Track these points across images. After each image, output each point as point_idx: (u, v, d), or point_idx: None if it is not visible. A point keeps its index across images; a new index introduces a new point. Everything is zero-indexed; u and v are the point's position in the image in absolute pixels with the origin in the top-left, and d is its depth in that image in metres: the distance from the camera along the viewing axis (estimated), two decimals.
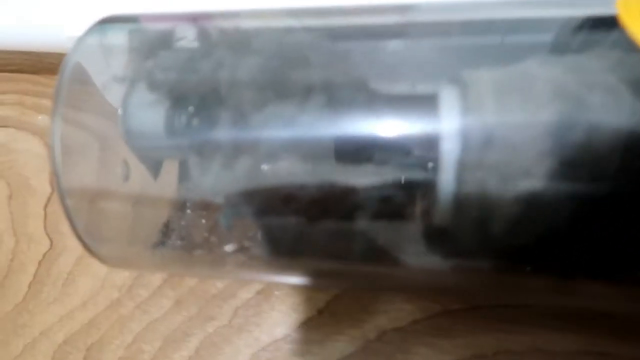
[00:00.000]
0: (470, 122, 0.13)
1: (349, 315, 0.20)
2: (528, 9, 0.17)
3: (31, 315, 0.23)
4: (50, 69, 0.27)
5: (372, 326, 0.20)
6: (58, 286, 0.23)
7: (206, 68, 0.15)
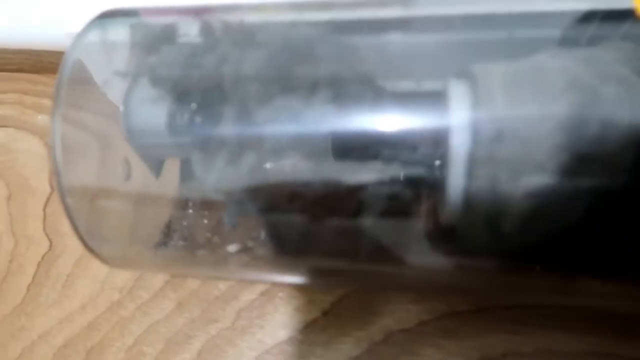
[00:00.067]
0: (480, 116, 0.13)
1: (354, 316, 0.20)
2: (535, 3, 0.16)
3: (30, 318, 0.23)
4: (50, 68, 0.27)
5: (378, 327, 0.19)
6: (57, 288, 0.23)
7: (209, 63, 0.15)
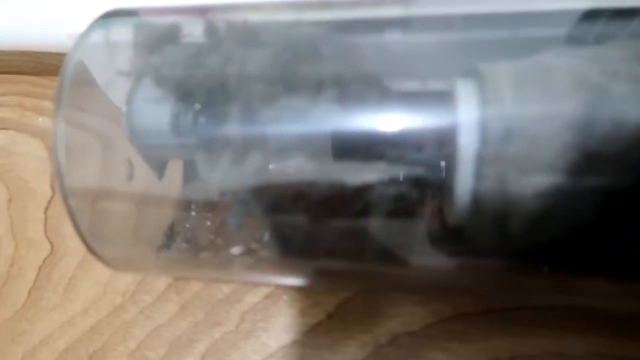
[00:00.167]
0: (488, 115, 0.13)
1: (360, 319, 0.19)
2: (540, 1, 0.16)
3: (31, 322, 0.23)
4: (50, 70, 0.27)
5: (384, 330, 0.19)
6: (59, 292, 0.23)
7: (213, 63, 0.15)
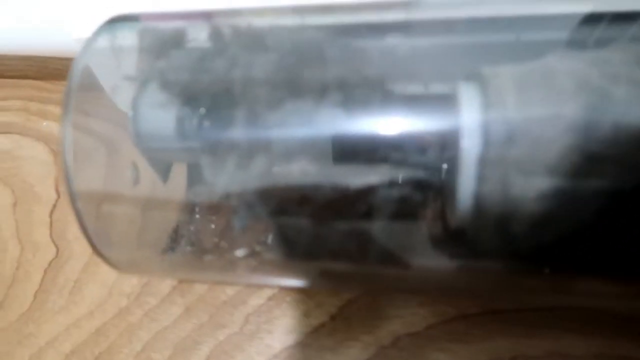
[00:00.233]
0: (491, 118, 0.13)
1: (362, 320, 0.20)
2: (541, 5, 0.16)
3: (37, 325, 0.23)
4: (55, 75, 0.27)
5: (386, 332, 0.19)
6: (64, 294, 0.23)
7: (218, 67, 0.15)
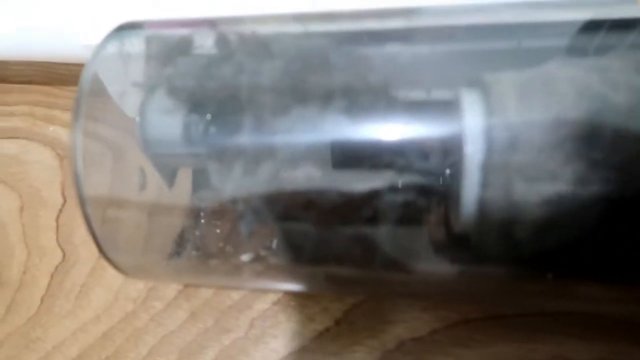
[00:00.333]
0: (494, 124, 0.13)
1: (367, 325, 0.20)
2: (541, 13, 0.17)
3: (44, 329, 0.23)
4: (61, 80, 0.28)
5: (391, 336, 0.19)
6: (71, 299, 0.23)
7: (224, 74, 0.15)
